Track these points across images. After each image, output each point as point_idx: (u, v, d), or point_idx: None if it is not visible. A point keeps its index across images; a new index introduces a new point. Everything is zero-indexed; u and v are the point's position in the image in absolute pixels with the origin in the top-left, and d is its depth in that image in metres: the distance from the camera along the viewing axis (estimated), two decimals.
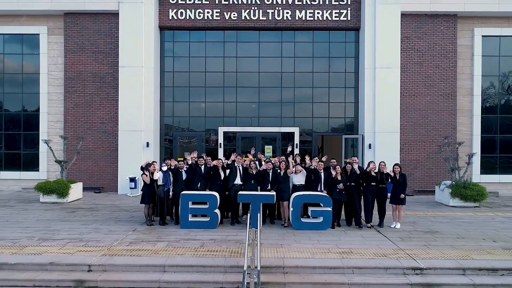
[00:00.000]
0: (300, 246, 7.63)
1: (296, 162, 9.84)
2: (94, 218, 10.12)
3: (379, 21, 14.53)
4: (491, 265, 6.67)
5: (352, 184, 9.27)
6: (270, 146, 15.53)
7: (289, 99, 15.76)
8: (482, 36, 15.08)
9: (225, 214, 10.04)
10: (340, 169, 9.25)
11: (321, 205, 9.01)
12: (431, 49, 14.94)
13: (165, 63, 15.82)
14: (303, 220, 9.14)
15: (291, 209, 9.05)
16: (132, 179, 14.14)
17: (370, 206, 9.31)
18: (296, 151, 14.70)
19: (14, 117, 15.65)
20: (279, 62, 15.75)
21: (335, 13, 15.16)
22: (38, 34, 15.30)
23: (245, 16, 15.20)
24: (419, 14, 14.89)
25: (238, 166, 9.66)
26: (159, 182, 9.35)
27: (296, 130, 15.52)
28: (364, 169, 9.62)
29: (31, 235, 8.32)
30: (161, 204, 9.35)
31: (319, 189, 9.33)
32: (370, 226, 9.28)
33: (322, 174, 9.37)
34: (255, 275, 5.78)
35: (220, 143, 15.51)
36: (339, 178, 9.14)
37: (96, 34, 15.07)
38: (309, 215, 9.17)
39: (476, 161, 14.80)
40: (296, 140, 15.47)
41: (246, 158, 10.24)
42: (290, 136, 15.61)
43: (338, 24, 15.25)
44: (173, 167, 9.64)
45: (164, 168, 9.40)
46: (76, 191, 13.15)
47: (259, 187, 9.48)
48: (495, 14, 14.88)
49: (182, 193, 9.07)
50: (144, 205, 9.37)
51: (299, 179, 9.49)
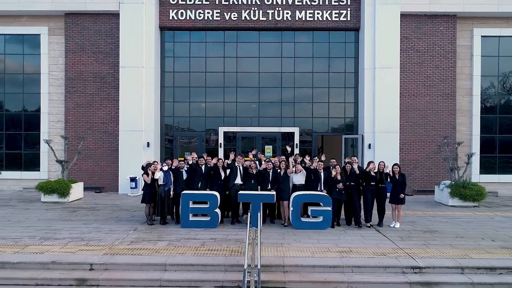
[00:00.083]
0: (300, 245, 7.68)
1: (296, 162, 9.89)
2: (95, 218, 10.17)
3: (379, 22, 14.58)
4: (490, 264, 6.72)
5: (352, 184, 9.33)
6: (270, 146, 15.59)
7: (289, 99, 15.82)
8: (482, 37, 15.13)
9: (226, 214, 10.09)
10: (340, 169, 9.31)
11: (321, 205, 9.07)
12: (431, 49, 14.99)
13: (166, 63, 15.88)
14: (303, 220, 9.19)
15: (291, 209, 9.11)
16: (133, 179, 14.19)
17: (370, 206, 9.36)
18: (296, 151, 14.76)
19: (15, 117, 15.71)
20: (279, 62, 15.81)
21: (335, 14, 15.22)
22: (39, 35, 15.36)
23: (245, 17, 15.26)
24: (419, 15, 14.95)
25: (239, 166, 9.71)
26: (160, 182, 9.40)
27: (296, 130, 15.58)
28: (364, 169, 9.69)
29: (33, 235, 8.38)
30: (162, 204, 9.40)
31: (319, 189, 9.38)
32: (370, 226, 9.33)
33: (322, 174, 9.42)
34: (256, 274, 5.84)
35: (221, 143, 15.56)
36: (339, 178, 9.20)
37: (97, 35, 15.13)
38: (309, 215, 9.21)
39: (476, 161, 14.85)
40: (296, 140, 15.53)
41: (247, 158, 10.29)
42: (290, 136, 15.66)
43: (338, 25, 15.31)
44: (174, 167, 9.69)
45: (165, 168, 9.45)
46: (77, 191, 13.21)
47: (259, 187, 9.53)
48: (494, 15, 14.94)
49: (183, 193, 9.13)
50: (145, 205, 9.42)
51: (299, 179, 9.54)
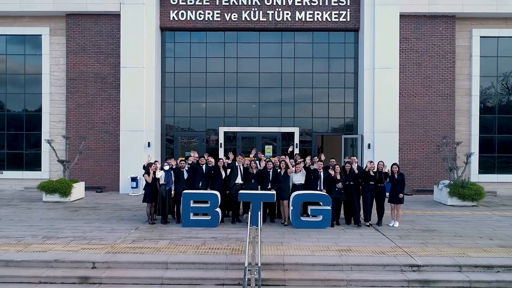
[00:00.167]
0: (300, 244, 7.76)
1: (296, 162, 9.97)
2: (97, 217, 10.26)
3: (378, 22, 14.67)
4: (487, 262, 6.80)
5: (351, 183, 9.41)
6: (270, 146, 15.68)
7: (289, 99, 15.91)
8: (480, 37, 15.21)
9: (226, 213, 10.17)
10: (339, 169, 9.39)
11: (321, 204, 9.15)
12: (430, 50, 15.07)
13: (166, 64, 15.97)
14: (303, 219, 9.27)
15: (291, 208, 9.19)
16: (134, 179, 14.27)
17: (369, 205, 9.45)
18: (296, 151, 14.84)
19: (17, 117, 15.79)
20: (279, 63, 15.89)
21: (335, 14, 15.31)
22: (40, 35, 15.44)
23: (246, 17, 15.35)
24: (418, 15, 15.03)
25: (239, 166, 9.79)
26: (161, 181, 9.48)
27: (296, 130, 15.66)
28: (363, 169, 9.78)
29: (35, 233, 8.46)
30: (163, 203, 9.48)
31: (319, 188, 9.45)
32: (369, 225, 9.41)
33: (322, 174, 9.50)
34: (256, 272, 5.91)
35: (221, 143, 15.64)
36: (338, 178, 9.29)
37: (98, 35, 15.22)
38: (309, 214, 9.28)
39: (475, 161, 14.95)
40: (296, 140, 15.61)
41: (248, 158, 10.38)
42: (290, 136, 15.75)
43: (338, 25, 15.39)
44: (175, 167, 9.78)
45: (166, 168, 9.54)
46: (78, 191, 13.29)
47: (260, 186, 9.60)
48: (493, 15, 15.02)
49: (184, 192, 9.21)
50: (146, 204, 9.51)
51: (299, 179, 9.62)
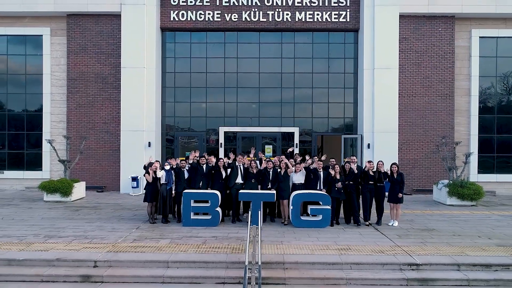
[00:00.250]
0: (300, 243, 7.82)
1: (296, 162, 10.02)
2: (98, 216, 10.32)
3: (378, 23, 14.73)
4: (486, 261, 6.86)
5: (351, 183, 9.47)
6: (270, 146, 15.74)
7: (289, 100, 15.97)
8: (480, 37, 15.27)
9: (226, 213, 10.23)
10: (339, 168, 9.45)
11: (320, 204, 9.21)
12: (429, 50, 15.13)
13: (167, 64, 16.02)
14: (303, 218, 9.33)
15: (291, 208, 9.25)
16: (134, 179, 14.33)
17: (368, 205, 9.51)
18: (296, 151, 14.89)
19: (18, 117, 15.85)
20: (279, 63, 15.95)
21: (334, 15, 15.36)
22: (41, 35, 15.50)
23: (246, 18, 15.41)
24: (417, 16, 15.09)
25: (239, 166, 9.85)
26: (162, 181, 9.54)
27: (296, 130, 15.72)
28: (363, 168, 9.84)
29: (37, 233, 8.52)
30: (164, 203, 9.54)
31: (318, 188, 9.52)
32: (368, 224, 9.47)
33: (321, 173, 9.56)
34: (256, 270, 5.97)
35: (221, 143, 15.70)
36: (338, 177, 9.35)
37: (99, 36, 15.27)
38: (309, 213, 9.35)
39: (474, 161, 15.01)
40: (296, 140, 15.67)
41: (248, 158, 10.44)
42: (290, 136, 15.81)
43: (338, 26, 15.45)
44: (175, 166, 9.83)
45: (167, 167, 9.60)
46: (79, 190, 13.34)
47: (260, 186, 9.66)
48: (492, 16, 15.09)
49: (184, 192, 9.27)
50: (147, 204, 9.56)
51: (299, 178, 9.68)
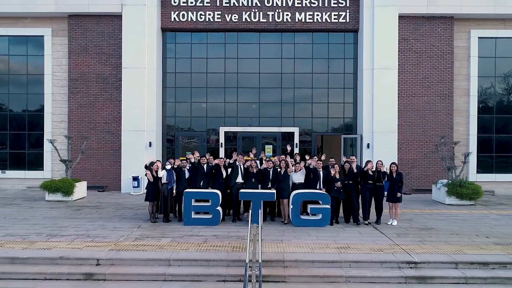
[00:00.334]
0: (300, 242, 7.91)
1: (296, 161, 10.11)
2: (100, 216, 10.41)
3: (377, 23, 14.81)
4: (483, 259, 6.95)
5: (350, 182, 9.56)
6: (271, 146, 15.82)
7: (289, 100, 16.05)
8: (479, 38, 15.36)
9: (227, 212, 10.31)
10: (339, 168, 9.54)
11: (320, 203, 9.29)
12: (428, 51, 15.22)
13: (167, 64, 16.11)
14: (303, 217, 9.41)
15: (291, 207, 9.33)
16: (135, 178, 14.42)
17: (368, 204, 9.60)
18: (296, 151, 14.99)
19: (19, 117, 15.93)
20: (279, 63, 16.04)
21: (334, 15, 15.45)
22: (43, 36, 15.59)
23: (246, 18, 15.49)
24: (417, 16, 15.17)
25: (240, 165, 9.94)
26: (163, 180, 9.63)
27: (296, 130, 15.81)
28: (362, 168, 9.93)
29: (40, 232, 8.61)
30: (165, 202, 9.64)
31: (318, 187, 9.60)
32: (368, 223, 9.57)
33: (321, 173, 9.66)
34: (257, 268, 6.05)
35: (222, 143, 15.78)
36: (338, 177, 9.43)
37: (100, 36, 15.36)
38: (308, 213, 9.45)
39: (473, 161, 15.10)
40: (296, 140, 15.75)
41: (248, 158, 10.53)
42: (290, 136, 15.89)
43: (337, 26, 15.53)
44: (176, 166, 9.92)
45: (168, 167, 9.69)
46: (81, 190, 13.43)
47: (260, 185, 9.74)
48: (491, 16, 15.17)
49: (186, 191, 9.36)
50: (148, 203, 9.66)
51: (299, 178, 9.77)
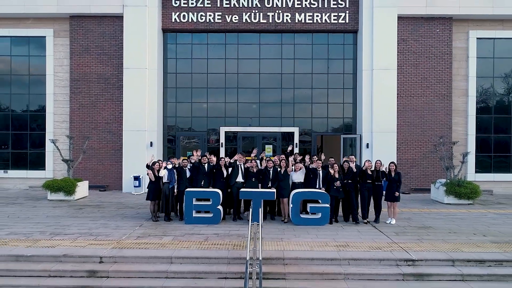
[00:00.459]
0: (299, 240, 8.02)
1: (296, 161, 10.22)
2: (102, 215, 10.52)
3: (377, 24, 14.93)
4: (480, 257, 7.07)
5: (349, 182, 9.66)
6: (271, 146, 15.93)
7: (289, 100, 16.17)
8: (477, 39, 15.48)
9: (228, 211, 10.42)
10: (338, 167, 9.65)
11: (320, 202, 9.41)
12: (427, 51, 15.33)
13: (168, 65, 16.23)
14: (302, 216, 9.52)
15: (291, 206, 9.45)
16: (136, 178, 14.54)
17: (367, 203, 9.72)
18: (296, 151, 15.09)
19: (21, 118, 16.05)
20: (279, 64, 16.15)
21: (334, 16, 15.56)
22: (44, 37, 15.71)
23: (246, 19, 15.61)
24: (416, 17, 15.28)
25: (240, 165, 10.05)
26: (164, 180, 9.75)
27: (296, 130, 15.92)
28: (361, 167, 10.04)
29: (43, 230, 8.73)
30: (166, 201, 9.76)
31: (318, 187, 9.72)
32: (367, 222, 9.68)
33: (321, 172, 9.77)
34: (257, 266, 6.16)
35: (222, 143, 15.90)
36: (337, 176, 9.54)
37: (101, 37, 15.48)
38: (308, 211, 9.56)
39: (471, 160, 15.22)
40: (296, 140, 15.87)
41: (249, 158, 10.65)
42: (290, 136, 16.01)
43: (337, 27, 15.65)
44: (177, 166, 10.03)
45: (169, 166, 9.81)
46: (82, 189, 13.54)
47: (260, 185, 9.85)
48: (490, 17, 15.29)
49: (187, 190, 9.47)
50: (150, 202, 9.78)
51: (298, 177, 9.88)
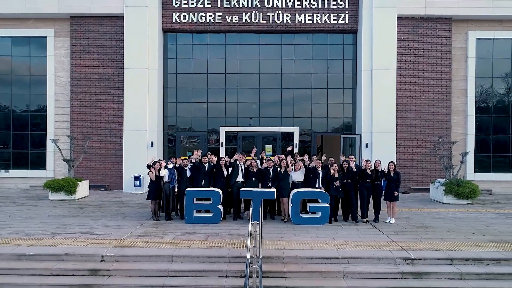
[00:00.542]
0: (299, 239, 8.09)
1: (296, 161, 10.29)
2: (102, 214, 10.59)
3: (376, 24, 14.99)
4: (478, 256, 7.14)
5: (349, 181, 9.72)
6: (271, 146, 15.99)
7: (289, 100, 16.23)
8: (476, 39, 15.54)
9: (228, 210, 10.47)
10: (337, 167, 9.72)
11: (319, 201, 9.47)
12: (427, 51, 15.40)
13: (169, 65, 16.29)
14: (302, 216, 9.58)
15: (291, 205, 9.52)
16: (137, 178, 14.61)
17: (366, 202, 9.78)
18: (296, 150, 15.15)
19: (22, 117, 16.11)
20: (279, 64, 16.22)
21: (334, 17, 15.62)
22: (45, 37, 15.77)
23: (246, 19, 15.66)
24: (415, 18, 15.35)
25: (240, 164, 10.11)
26: (165, 179, 9.81)
27: (296, 130, 15.98)
28: (360, 167, 10.10)
29: (45, 229, 8.79)
30: (167, 200, 9.82)
31: (317, 186, 9.77)
32: (366, 221, 9.74)
33: (320, 172, 9.83)
34: (257, 264, 6.23)
35: (222, 143, 15.96)
36: (336, 176, 9.60)
37: (102, 37, 15.54)
38: (308, 211, 9.62)
39: (470, 160, 15.28)
40: (296, 140, 15.93)
41: (249, 157, 10.71)
42: (290, 136, 16.07)
43: (337, 27, 15.71)
44: (178, 165, 10.09)
45: (170, 166, 9.87)
46: (83, 189, 13.60)
47: (260, 184, 9.91)
48: (488, 18, 15.35)
49: (187, 190, 9.53)
50: (151, 201, 9.85)
51: (298, 177, 9.94)
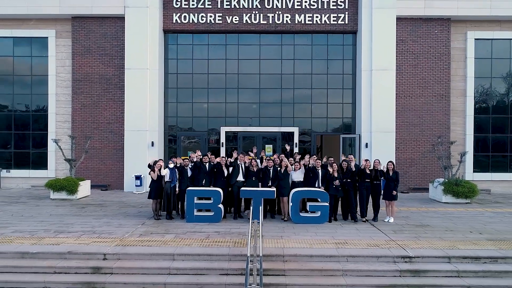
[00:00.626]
0: (299, 238, 8.18)
1: (295, 160, 10.38)
2: (104, 213, 10.68)
3: (376, 25, 15.08)
4: (475, 254, 7.23)
5: (348, 181, 9.81)
6: (271, 146, 16.08)
7: (289, 100, 16.33)
8: (475, 39, 15.63)
9: (228, 209, 10.57)
10: (337, 167, 9.81)
11: (319, 201, 9.56)
12: (426, 52, 15.48)
13: (169, 65, 16.38)
14: (302, 215, 9.67)
15: (291, 204, 9.61)
16: (138, 177, 14.70)
17: (365, 202, 9.87)
18: (296, 150, 15.26)
19: (23, 117, 16.20)
20: (279, 64, 16.30)
21: (333, 17, 15.71)
22: (47, 37, 15.85)
23: (246, 20, 15.75)
24: (414, 18, 15.44)
25: (240, 164, 10.20)
26: (166, 179, 9.90)
27: (296, 130, 16.08)
28: (360, 167, 10.19)
29: (47, 228, 8.89)
30: (168, 200, 9.91)
31: (317, 185, 9.86)
32: (365, 220, 9.84)
33: (320, 171, 9.92)
34: (258, 262, 6.32)
35: (222, 143, 16.05)
36: (336, 175, 9.70)
37: (103, 38, 15.63)
38: (308, 210, 9.71)
39: (469, 160, 15.36)
40: (296, 140, 16.02)
41: (249, 157, 10.81)
42: (290, 136, 16.16)
43: (336, 28, 15.80)
44: (179, 165, 10.19)
45: (171, 166, 9.96)
46: (85, 189, 13.70)
47: (260, 184, 10.00)
48: (487, 18, 15.44)
49: (188, 189, 9.63)
50: (152, 200, 9.94)
51: (298, 176, 10.03)
